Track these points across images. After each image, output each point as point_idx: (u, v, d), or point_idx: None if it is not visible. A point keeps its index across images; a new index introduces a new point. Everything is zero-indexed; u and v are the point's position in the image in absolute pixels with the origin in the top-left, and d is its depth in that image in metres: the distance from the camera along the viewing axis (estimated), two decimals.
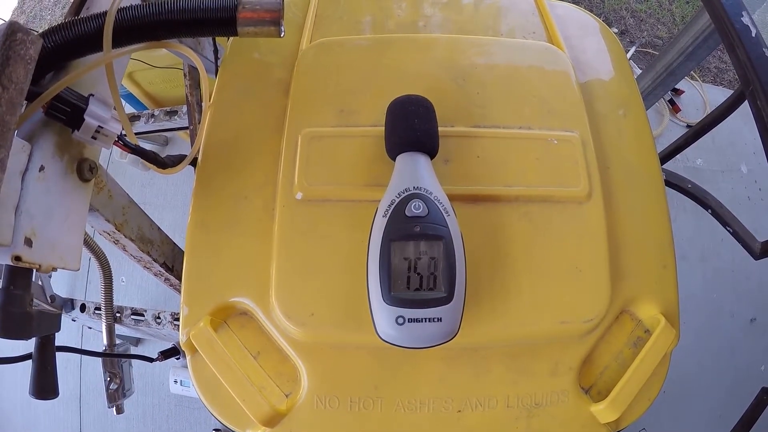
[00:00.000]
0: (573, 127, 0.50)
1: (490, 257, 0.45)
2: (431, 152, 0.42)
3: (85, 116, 0.40)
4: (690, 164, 1.84)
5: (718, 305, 1.65)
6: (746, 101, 0.72)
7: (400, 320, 0.35)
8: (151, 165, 0.48)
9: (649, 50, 2.15)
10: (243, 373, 0.43)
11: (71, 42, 0.41)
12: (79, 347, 0.79)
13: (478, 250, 0.44)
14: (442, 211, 0.38)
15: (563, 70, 0.54)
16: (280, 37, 0.44)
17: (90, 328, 1.47)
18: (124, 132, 0.44)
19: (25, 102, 0.38)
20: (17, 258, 0.36)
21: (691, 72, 1.94)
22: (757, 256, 0.76)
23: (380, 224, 0.38)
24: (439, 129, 0.44)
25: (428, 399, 0.43)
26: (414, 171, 0.40)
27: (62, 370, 1.52)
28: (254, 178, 0.48)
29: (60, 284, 1.60)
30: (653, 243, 0.49)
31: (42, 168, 0.39)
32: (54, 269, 0.41)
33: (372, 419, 0.43)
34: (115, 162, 1.67)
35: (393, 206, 0.38)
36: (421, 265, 0.37)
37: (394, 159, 0.42)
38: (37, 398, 0.51)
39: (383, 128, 0.45)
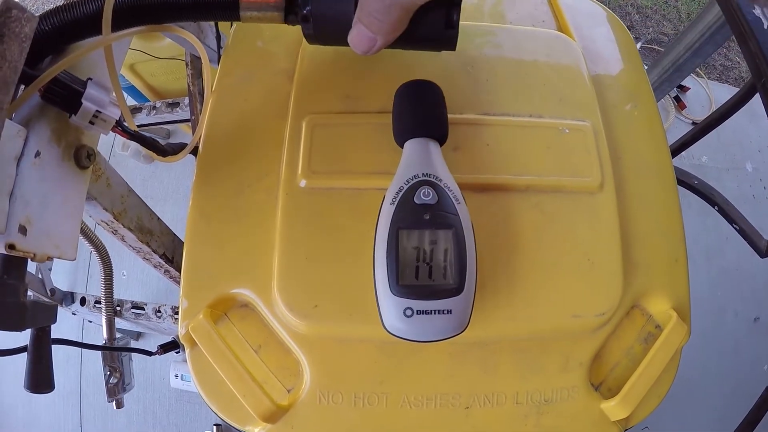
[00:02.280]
0: (584, 117, 0.49)
1: (500, 248, 0.43)
2: (441, 138, 0.41)
3: (83, 100, 0.39)
4: (696, 161, 1.83)
5: (722, 304, 1.64)
6: (756, 95, 0.71)
7: (408, 312, 0.34)
8: (151, 152, 0.47)
9: (655, 47, 2.14)
10: (243, 368, 0.41)
11: (70, 24, 0.39)
12: (80, 341, 0.79)
13: (487, 240, 0.43)
14: (453, 199, 0.36)
15: (574, 59, 0.53)
16: (283, 22, 0.43)
17: (90, 321, 1.47)
18: (124, 119, 0.43)
19: (22, 86, 0.37)
20: (11, 246, 0.35)
21: (697, 69, 1.93)
22: (763, 254, 0.75)
23: (388, 212, 0.36)
24: (448, 116, 0.42)
25: (435, 395, 0.42)
26: (423, 157, 0.38)
27: (63, 364, 1.53)
28: (257, 166, 0.47)
29: (61, 278, 1.59)
30: (665, 236, 0.48)
31: (38, 154, 0.38)
32: (49, 258, 0.39)
33: (377, 415, 0.41)
34: (117, 155, 1.66)
35: (401, 193, 0.36)
36: (430, 255, 0.35)
37: (402, 145, 0.41)
38: (31, 392, 0.50)
39: (390, 114, 0.43)
